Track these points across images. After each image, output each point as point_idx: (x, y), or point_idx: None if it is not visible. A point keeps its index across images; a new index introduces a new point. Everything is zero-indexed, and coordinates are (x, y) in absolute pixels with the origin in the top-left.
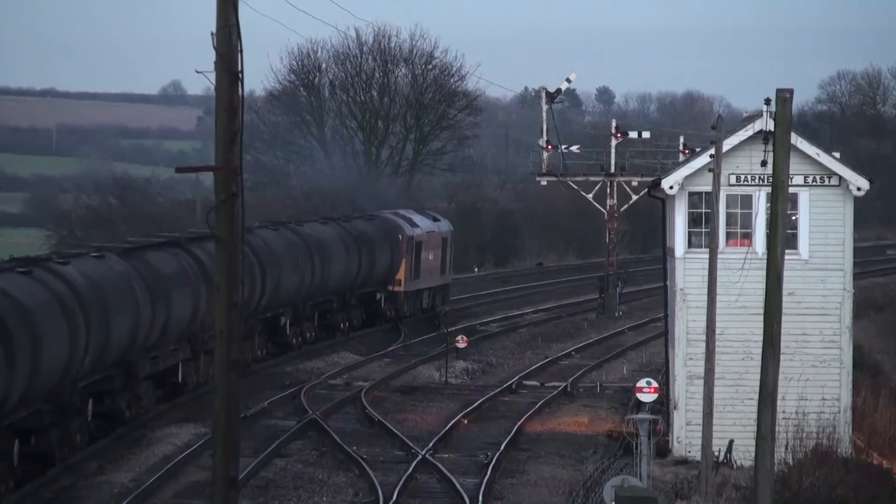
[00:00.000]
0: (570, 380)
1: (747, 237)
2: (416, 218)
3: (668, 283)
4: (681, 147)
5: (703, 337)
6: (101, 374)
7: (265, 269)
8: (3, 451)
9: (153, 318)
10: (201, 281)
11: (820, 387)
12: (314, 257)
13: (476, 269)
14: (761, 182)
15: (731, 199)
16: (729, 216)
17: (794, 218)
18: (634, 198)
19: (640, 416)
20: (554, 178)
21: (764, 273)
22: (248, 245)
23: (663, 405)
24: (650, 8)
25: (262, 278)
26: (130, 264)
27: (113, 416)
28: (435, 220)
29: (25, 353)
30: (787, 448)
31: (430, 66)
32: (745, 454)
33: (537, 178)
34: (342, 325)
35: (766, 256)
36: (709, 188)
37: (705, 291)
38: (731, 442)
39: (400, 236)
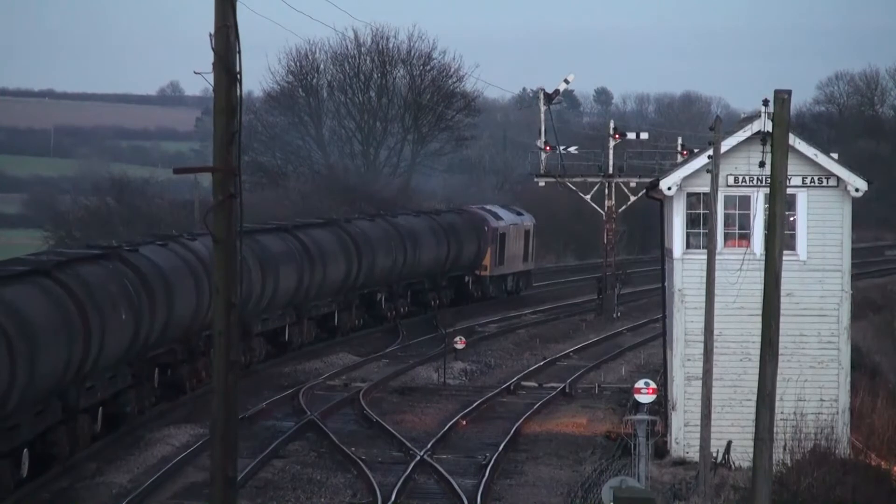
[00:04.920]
0: (569, 381)
1: (745, 238)
2: (501, 212)
3: (666, 284)
4: (679, 148)
5: (702, 338)
6: None
7: (360, 252)
8: (147, 376)
9: (263, 285)
10: (305, 259)
11: (818, 388)
12: (406, 244)
13: None
14: (759, 183)
15: (729, 200)
16: (727, 217)
17: (792, 219)
18: (632, 199)
19: (639, 416)
20: (552, 179)
21: (762, 274)
22: (346, 232)
23: (661, 406)
24: (648, 9)
25: (357, 259)
26: (245, 243)
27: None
28: (519, 214)
29: (162, 303)
30: (785, 449)
31: (429, 67)
32: (743, 455)
33: (535, 179)
34: (433, 303)
35: (764, 257)
36: (707, 189)
37: (703, 292)
38: (729, 443)
39: (486, 228)
